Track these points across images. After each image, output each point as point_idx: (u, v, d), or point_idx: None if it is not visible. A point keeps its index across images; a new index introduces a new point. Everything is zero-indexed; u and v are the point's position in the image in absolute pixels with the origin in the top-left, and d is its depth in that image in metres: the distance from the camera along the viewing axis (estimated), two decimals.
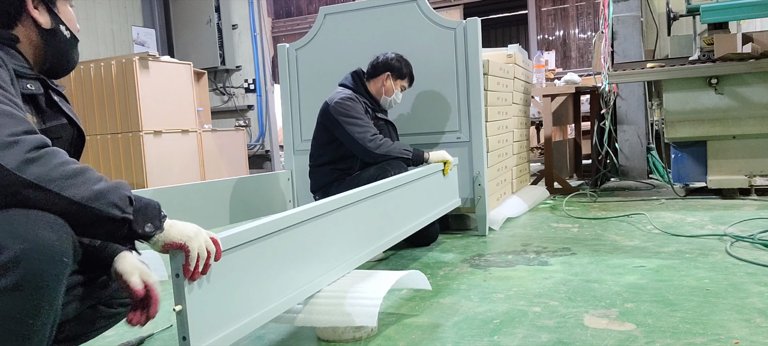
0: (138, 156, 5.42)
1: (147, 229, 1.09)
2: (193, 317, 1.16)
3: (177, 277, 1.13)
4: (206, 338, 1.20)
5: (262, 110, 8.66)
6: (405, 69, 3.03)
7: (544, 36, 8.65)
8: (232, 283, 1.30)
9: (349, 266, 1.89)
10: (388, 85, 3.01)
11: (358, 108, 2.86)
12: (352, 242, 1.94)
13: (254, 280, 1.39)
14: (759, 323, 1.70)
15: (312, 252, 1.68)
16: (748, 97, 3.95)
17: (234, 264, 1.30)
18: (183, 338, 1.13)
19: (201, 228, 1.18)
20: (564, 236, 3.14)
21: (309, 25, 8.09)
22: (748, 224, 3.10)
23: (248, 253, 1.36)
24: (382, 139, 2.83)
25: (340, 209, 1.83)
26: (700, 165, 4.17)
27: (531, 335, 1.70)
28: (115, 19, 8.26)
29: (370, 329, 1.77)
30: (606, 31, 5.26)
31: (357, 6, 3.41)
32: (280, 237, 1.50)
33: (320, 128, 2.98)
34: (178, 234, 1.13)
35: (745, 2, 3.89)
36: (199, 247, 1.15)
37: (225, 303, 1.27)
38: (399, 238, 2.30)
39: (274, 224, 1.48)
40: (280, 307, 1.50)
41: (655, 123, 5.53)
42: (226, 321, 1.28)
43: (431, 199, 2.74)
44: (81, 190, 1.01)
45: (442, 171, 2.87)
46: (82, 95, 5.67)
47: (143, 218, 1.08)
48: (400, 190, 2.36)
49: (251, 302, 1.37)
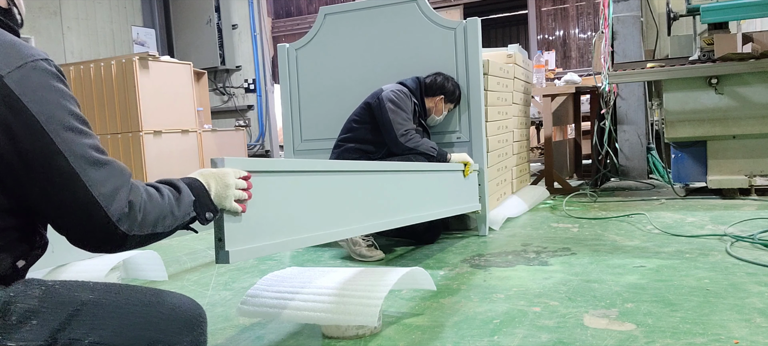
0: (138, 156, 5.42)
1: (207, 216, 1.21)
2: (229, 223, 1.30)
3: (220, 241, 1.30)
4: (238, 245, 1.33)
5: (262, 110, 8.66)
6: (457, 93, 3.16)
7: (544, 36, 8.65)
8: (262, 204, 1.42)
9: (362, 230, 1.96)
10: (439, 107, 3.14)
11: (408, 104, 2.99)
12: (370, 207, 1.99)
13: (281, 208, 1.50)
14: (759, 323, 1.70)
15: (334, 202, 1.75)
16: (749, 97, 3.95)
17: (264, 188, 1.42)
18: (219, 239, 1.29)
19: (231, 175, 1.28)
20: (564, 236, 3.14)
21: (309, 25, 8.09)
22: (748, 224, 3.09)
23: (278, 181, 1.49)
24: (415, 135, 2.95)
25: (363, 173, 1.95)
26: (700, 165, 4.17)
27: (531, 335, 1.70)
28: (115, 19, 8.26)
29: (373, 326, 1.77)
30: (606, 31, 5.26)
31: (357, 6, 3.41)
32: (310, 178, 1.64)
33: (363, 106, 3.07)
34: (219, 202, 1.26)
35: (745, 2, 3.89)
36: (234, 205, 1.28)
37: (255, 221, 1.39)
38: (411, 220, 2.33)
39: (307, 163, 1.67)
40: (301, 241, 1.60)
41: (655, 123, 5.53)
42: (256, 237, 1.40)
43: (449, 194, 2.81)
44: (167, 222, 1.11)
45: (462, 172, 2.94)
46: (82, 95, 5.67)
47: (202, 209, 1.19)
48: (420, 176, 2.46)
49: (276, 228, 1.49)
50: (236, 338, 1.85)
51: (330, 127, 3.47)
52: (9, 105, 0.95)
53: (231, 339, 1.85)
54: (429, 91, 3.12)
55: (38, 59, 1.01)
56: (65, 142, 0.99)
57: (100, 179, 1.01)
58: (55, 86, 1.01)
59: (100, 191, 1.00)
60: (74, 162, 0.99)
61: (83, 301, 1.01)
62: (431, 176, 2.58)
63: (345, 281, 1.83)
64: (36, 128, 0.97)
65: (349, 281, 1.83)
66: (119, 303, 1.05)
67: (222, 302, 2.25)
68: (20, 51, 1.00)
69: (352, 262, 2.81)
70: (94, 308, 1.02)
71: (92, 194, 0.99)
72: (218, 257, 1.30)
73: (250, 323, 1.97)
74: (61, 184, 0.98)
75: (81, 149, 1.00)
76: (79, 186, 0.99)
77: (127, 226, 1.03)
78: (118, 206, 1.02)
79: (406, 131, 2.93)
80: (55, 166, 0.98)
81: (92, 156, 1.01)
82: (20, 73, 0.97)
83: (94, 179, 1.00)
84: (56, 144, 0.98)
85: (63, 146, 0.98)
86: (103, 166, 1.03)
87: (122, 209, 1.02)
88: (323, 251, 3.07)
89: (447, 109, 3.18)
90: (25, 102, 0.96)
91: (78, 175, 0.99)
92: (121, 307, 1.05)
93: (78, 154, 1.00)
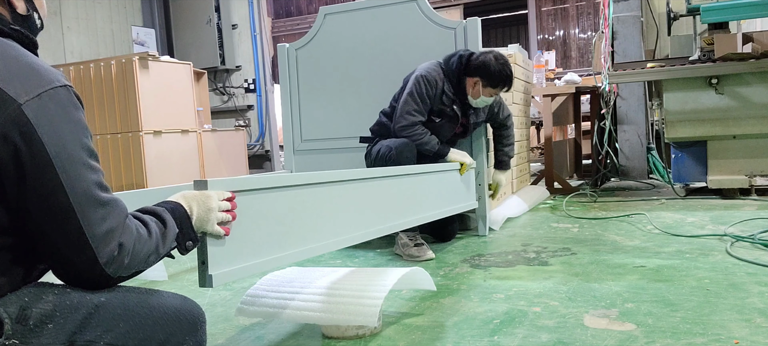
0: (138, 156, 5.42)
1: (188, 246, 1.19)
2: (212, 245, 1.29)
3: (203, 264, 1.29)
4: (221, 267, 1.32)
5: (262, 110, 8.66)
6: (497, 78, 2.84)
7: (544, 36, 8.65)
8: (247, 224, 1.40)
9: (351, 240, 1.91)
10: (476, 90, 2.89)
11: (428, 92, 2.84)
12: (360, 215, 1.96)
13: (267, 226, 1.48)
14: (759, 323, 1.70)
15: (322, 214, 1.72)
16: (749, 97, 3.95)
17: (249, 206, 1.40)
18: (202, 262, 1.28)
19: (214, 198, 1.25)
20: (564, 236, 3.14)
21: (309, 25, 8.09)
22: (749, 224, 3.09)
23: (263, 199, 1.46)
24: (414, 126, 2.83)
25: (350, 182, 1.90)
26: (701, 165, 4.16)
27: (531, 335, 1.70)
28: (115, 19, 8.26)
29: (373, 326, 1.77)
30: (606, 31, 5.26)
31: (357, 6, 3.41)
32: (296, 192, 1.60)
33: (403, 86, 2.98)
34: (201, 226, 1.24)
35: (745, 2, 3.89)
36: (216, 229, 1.26)
37: (239, 241, 1.37)
38: (404, 225, 2.31)
39: (293, 178, 1.61)
40: (286, 259, 1.57)
41: (655, 123, 5.53)
42: (239, 257, 1.38)
43: (445, 195, 2.77)
44: (151, 260, 1.10)
45: (458, 170, 2.90)
46: (82, 95, 5.66)
47: (184, 238, 1.17)
48: (411, 179, 2.41)
49: (262, 246, 1.47)
50: (236, 338, 1.85)
51: (330, 127, 3.47)
52: (23, 134, 0.95)
53: (231, 339, 1.85)
54: (468, 70, 2.87)
55: (58, 86, 1.00)
56: (70, 178, 0.98)
57: (96, 219, 1.00)
58: (72, 117, 1.01)
59: (93, 231, 0.99)
60: (74, 199, 0.98)
61: (96, 304, 1.03)
62: (423, 179, 2.51)
63: (345, 282, 1.83)
64: (44, 160, 0.97)
65: (349, 282, 1.82)
66: (128, 305, 1.07)
67: (222, 302, 2.25)
68: (40, 76, 0.99)
69: (352, 262, 2.81)
70: (105, 310, 1.04)
71: (85, 235, 0.99)
72: (201, 281, 1.29)
73: (250, 323, 1.97)
74: (56, 218, 0.98)
75: (84, 186, 1.00)
76: (73, 224, 0.98)
77: (114, 269, 1.03)
78: (109, 249, 1.01)
79: (409, 118, 2.82)
80: (54, 200, 0.98)
81: (94, 195, 1.01)
82: (39, 103, 0.97)
83: (91, 219, 0.99)
84: (61, 179, 0.97)
85: (67, 182, 0.98)
86: (103, 206, 1.02)
87: (112, 253, 1.01)
88: None
89: (488, 93, 2.88)
90: (40, 133, 0.96)
91: (75, 213, 0.98)
92: (130, 309, 1.06)
93: (79, 192, 0.99)
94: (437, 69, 2.91)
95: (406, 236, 2.82)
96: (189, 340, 1.13)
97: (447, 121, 2.96)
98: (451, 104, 2.92)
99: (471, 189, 3.08)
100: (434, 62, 2.96)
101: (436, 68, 2.91)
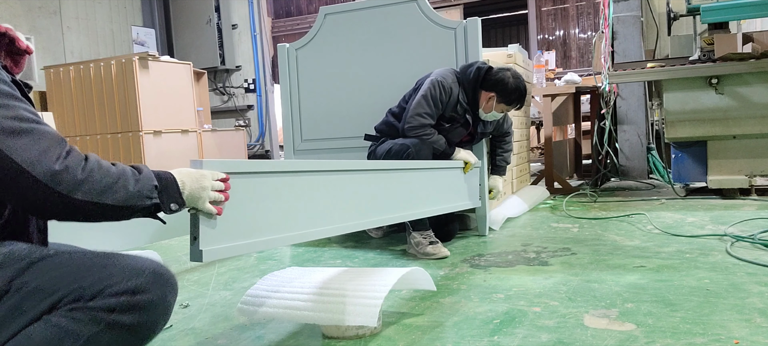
0: (138, 156, 5.42)
1: (172, 207, 1.21)
2: (204, 223, 1.31)
3: (195, 240, 1.31)
4: (212, 244, 1.34)
5: (262, 110, 8.66)
6: (513, 96, 2.89)
7: (544, 36, 8.65)
8: (241, 205, 1.41)
9: (344, 229, 1.92)
10: (489, 104, 2.91)
11: (442, 98, 2.85)
12: (353, 206, 1.96)
13: (260, 209, 1.49)
14: (759, 323, 1.70)
15: (314, 201, 1.73)
16: (749, 97, 3.95)
17: (244, 188, 1.42)
18: (194, 238, 1.30)
19: (208, 177, 1.28)
20: (564, 236, 3.14)
21: (309, 25, 8.09)
22: (749, 224, 3.09)
23: (258, 182, 1.48)
24: (423, 128, 2.82)
25: (345, 172, 1.91)
26: (701, 165, 4.17)
27: (531, 335, 1.70)
28: (115, 19, 8.26)
29: (373, 326, 1.77)
30: (606, 31, 5.26)
31: (357, 6, 3.41)
32: (290, 178, 1.62)
33: (415, 87, 2.99)
34: (193, 202, 1.26)
35: (745, 2, 3.89)
36: (208, 206, 1.28)
37: (232, 221, 1.38)
38: (400, 218, 2.31)
39: (287, 164, 1.65)
40: (278, 241, 1.59)
41: (655, 123, 5.53)
42: (231, 236, 1.39)
43: (446, 192, 2.77)
44: (119, 194, 1.12)
45: (462, 169, 2.91)
46: (82, 95, 5.67)
47: (168, 198, 1.20)
48: (409, 174, 2.41)
49: (254, 228, 1.48)
50: (236, 338, 1.85)
51: (330, 127, 3.47)
52: None
53: (231, 339, 1.85)
54: (486, 84, 2.89)
55: None
56: None
57: (21, 145, 1.03)
58: None
59: (22, 156, 1.03)
60: None
61: (41, 256, 1.11)
62: (421, 174, 2.53)
63: (345, 281, 1.83)
64: None
65: (349, 281, 1.82)
66: (75, 258, 1.12)
67: (222, 302, 2.25)
68: None
69: (352, 262, 2.81)
70: (49, 260, 1.10)
71: (15, 161, 1.02)
72: (192, 255, 1.32)
73: (250, 323, 1.97)
74: None
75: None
76: (4, 161, 1.02)
77: (66, 187, 1.05)
78: (44, 167, 1.04)
79: (420, 119, 2.81)
80: None
81: (10, 126, 1.04)
82: None
83: (14, 146, 1.03)
84: None
85: None
86: (25, 133, 1.05)
87: (50, 169, 1.04)
88: (323, 251, 3.07)
89: (501, 109, 2.93)
90: None
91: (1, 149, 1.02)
92: (76, 260, 1.12)
93: None
94: (453, 76, 2.92)
95: (420, 235, 2.81)
96: (153, 289, 1.14)
97: (457, 129, 2.97)
98: (464, 114, 2.94)
99: (474, 188, 3.09)
100: (449, 69, 2.97)
101: (451, 76, 2.92)
